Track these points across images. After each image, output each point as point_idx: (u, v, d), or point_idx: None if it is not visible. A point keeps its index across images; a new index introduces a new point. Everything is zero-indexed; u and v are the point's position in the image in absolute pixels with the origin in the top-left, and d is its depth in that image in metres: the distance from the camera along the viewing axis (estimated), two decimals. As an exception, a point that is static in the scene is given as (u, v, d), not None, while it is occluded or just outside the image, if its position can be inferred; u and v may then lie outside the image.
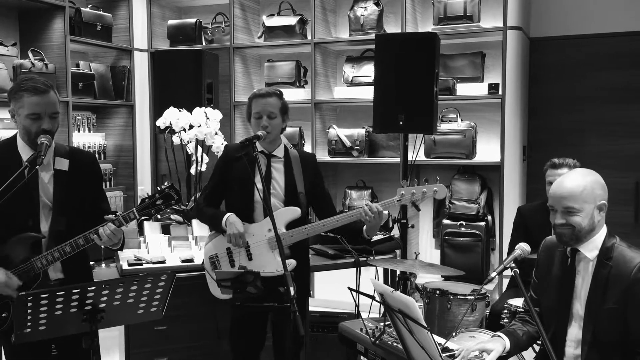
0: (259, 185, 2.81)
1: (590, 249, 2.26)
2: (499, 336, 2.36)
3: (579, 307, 2.27)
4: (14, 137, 2.54)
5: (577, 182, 2.23)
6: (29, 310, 2.02)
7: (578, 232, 2.22)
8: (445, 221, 4.89)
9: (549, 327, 2.32)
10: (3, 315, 2.41)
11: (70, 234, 2.47)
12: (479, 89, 4.84)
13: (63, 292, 2.05)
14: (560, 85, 5.13)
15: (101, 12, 5.29)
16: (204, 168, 3.99)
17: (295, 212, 2.87)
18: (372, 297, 2.45)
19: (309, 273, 3.11)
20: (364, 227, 2.90)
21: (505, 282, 4.43)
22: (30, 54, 4.64)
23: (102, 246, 2.50)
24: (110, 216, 2.45)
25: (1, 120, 4.59)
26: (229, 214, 2.90)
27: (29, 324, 2.05)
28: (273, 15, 5.44)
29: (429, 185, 2.87)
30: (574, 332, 2.28)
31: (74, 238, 2.45)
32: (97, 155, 5.34)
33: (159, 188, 2.52)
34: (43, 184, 2.51)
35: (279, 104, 2.95)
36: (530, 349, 2.60)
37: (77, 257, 2.53)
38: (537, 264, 2.47)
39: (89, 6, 5.29)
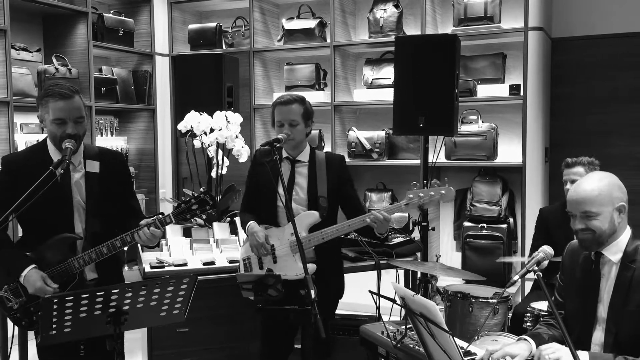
0: (280, 190, 2.84)
1: (614, 252, 2.23)
2: (524, 339, 2.32)
3: (602, 310, 2.24)
4: (45, 141, 2.60)
5: (593, 186, 2.20)
6: (55, 313, 2.05)
7: (599, 237, 2.19)
8: (466, 223, 4.86)
9: (573, 330, 2.29)
10: (40, 313, 2.45)
11: (105, 234, 2.53)
12: (500, 90, 4.80)
13: (87, 295, 2.07)
14: (582, 86, 5.07)
15: (123, 18, 5.36)
16: (224, 171, 4.01)
17: (313, 216, 2.89)
18: (393, 300, 2.44)
19: (342, 276, 3.13)
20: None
21: (528, 284, 4.39)
22: (54, 60, 4.72)
23: (140, 245, 2.54)
24: (149, 220, 2.50)
25: (26, 125, 4.67)
26: (250, 222, 2.97)
27: (54, 325, 2.08)
28: (292, 18, 5.46)
29: (437, 187, 2.84)
30: (598, 335, 2.25)
31: (110, 240, 2.49)
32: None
33: (194, 194, 2.58)
34: (77, 185, 2.56)
35: (301, 110, 2.94)
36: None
37: (109, 260, 2.57)
38: (561, 267, 2.44)
39: (111, 12, 5.36)
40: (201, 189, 2.60)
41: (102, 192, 2.59)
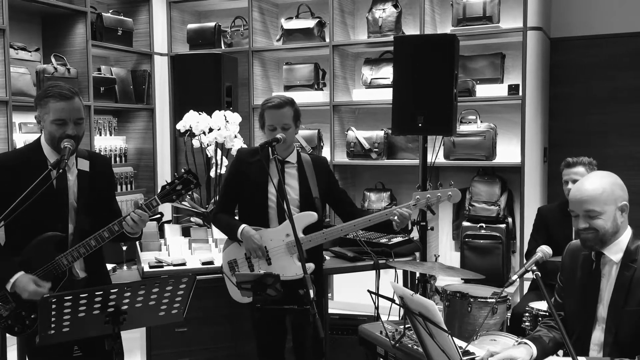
0: (273, 190, 2.84)
1: (615, 252, 2.23)
2: (525, 343, 2.31)
3: (602, 309, 2.24)
4: (38, 140, 2.58)
5: (596, 185, 2.20)
6: (53, 312, 2.05)
7: (602, 236, 2.19)
8: (465, 223, 4.86)
9: (573, 331, 2.30)
10: (32, 316, 2.44)
11: (92, 233, 2.51)
12: (499, 90, 4.80)
13: (86, 294, 2.07)
14: (581, 86, 5.07)
15: (122, 17, 5.36)
16: (223, 171, 4.01)
17: (312, 217, 2.88)
18: (392, 300, 2.44)
19: (322, 275, 3.14)
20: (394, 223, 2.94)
21: (526, 284, 4.39)
22: (52, 59, 4.71)
23: (128, 232, 2.53)
24: (137, 202, 2.51)
25: (25, 125, 4.66)
26: (243, 225, 2.90)
27: (52, 325, 2.08)
28: (291, 18, 5.46)
29: (444, 189, 2.93)
30: (598, 335, 2.25)
31: (97, 232, 2.49)
32: (118, 159, 5.45)
33: (177, 174, 2.58)
34: (70, 185, 2.56)
35: (292, 113, 2.92)
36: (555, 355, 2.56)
37: (97, 258, 2.59)
38: (561, 267, 2.44)
39: (110, 11, 5.35)
40: (183, 169, 2.61)
41: (92, 191, 2.60)
